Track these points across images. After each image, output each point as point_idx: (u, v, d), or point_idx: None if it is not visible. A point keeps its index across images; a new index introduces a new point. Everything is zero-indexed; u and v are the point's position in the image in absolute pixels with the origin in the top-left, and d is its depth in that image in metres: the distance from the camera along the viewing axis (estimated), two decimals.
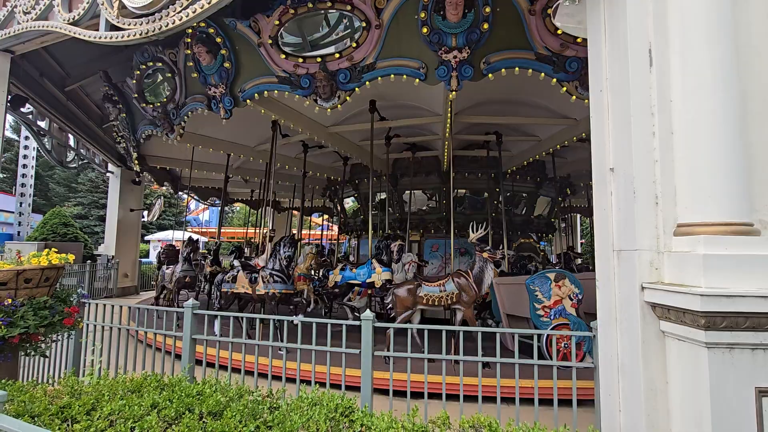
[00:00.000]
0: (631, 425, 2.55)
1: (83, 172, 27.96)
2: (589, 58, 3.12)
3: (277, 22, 5.84)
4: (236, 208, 37.47)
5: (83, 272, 12.54)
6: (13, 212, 19.87)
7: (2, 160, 6.83)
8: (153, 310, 4.69)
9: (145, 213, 16.05)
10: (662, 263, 2.55)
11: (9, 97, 7.04)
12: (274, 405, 2.23)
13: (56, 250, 3.82)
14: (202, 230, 27.76)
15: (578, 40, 4.77)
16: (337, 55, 5.77)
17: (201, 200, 17.70)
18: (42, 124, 11.28)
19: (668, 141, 2.60)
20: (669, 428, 2.42)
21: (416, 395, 3.63)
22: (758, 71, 2.58)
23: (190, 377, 3.52)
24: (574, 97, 5.46)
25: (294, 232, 14.10)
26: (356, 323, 3.69)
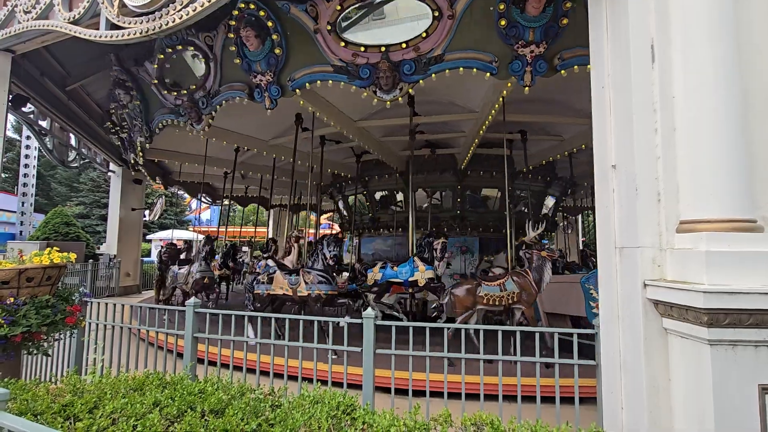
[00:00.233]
0: (634, 422, 2.55)
1: (85, 172, 28.05)
2: (591, 55, 3.11)
3: (339, 8, 5.41)
4: (237, 207, 37.33)
5: (85, 271, 12.58)
6: (15, 212, 19.89)
7: (4, 160, 6.78)
8: (155, 309, 4.69)
9: (147, 212, 16.08)
10: (664, 260, 2.55)
11: (10, 97, 7.02)
12: (276, 403, 2.23)
13: (58, 249, 3.81)
14: (202, 230, 27.75)
15: None
16: (404, 45, 5.45)
17: (190, 195, 17.54)
18: (43, 124, 11.26)
19: (670, 138, 2.59)
20: (671, 425, 2.42)
21: (418, 393, 3.63)
22: (760, 69, 2.57)
23: (192, 375, 3.52)
24: None
25: (336, 231, 13.75)
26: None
